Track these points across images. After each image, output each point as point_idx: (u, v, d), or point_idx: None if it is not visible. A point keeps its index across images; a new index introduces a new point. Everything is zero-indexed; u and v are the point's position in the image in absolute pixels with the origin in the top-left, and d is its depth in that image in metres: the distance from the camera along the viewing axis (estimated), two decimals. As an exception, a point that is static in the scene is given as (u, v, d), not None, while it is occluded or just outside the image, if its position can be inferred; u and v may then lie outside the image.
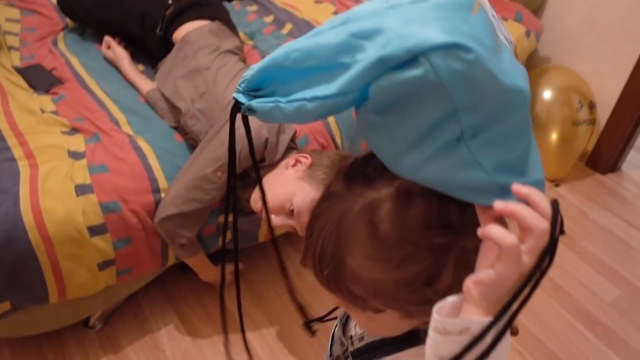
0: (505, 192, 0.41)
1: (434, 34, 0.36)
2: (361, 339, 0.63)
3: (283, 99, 0.41)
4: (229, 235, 1.21)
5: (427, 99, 0.38)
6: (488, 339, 0.37)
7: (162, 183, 1.31)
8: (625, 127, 2.08)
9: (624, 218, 2.02)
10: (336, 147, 1.51)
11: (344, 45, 0.39)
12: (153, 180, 1.31)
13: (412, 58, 0.36)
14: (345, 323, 0.69)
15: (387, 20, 0.38)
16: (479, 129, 0.40)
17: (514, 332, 0.47)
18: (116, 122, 1.45)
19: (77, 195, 1.24)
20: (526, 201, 0.39)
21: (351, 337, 0.65)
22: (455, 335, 0.39)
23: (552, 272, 0.54)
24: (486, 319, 0.38)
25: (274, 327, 1.53)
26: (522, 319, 1.57)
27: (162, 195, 1.30)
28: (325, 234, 0.47)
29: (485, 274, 0.39)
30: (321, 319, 0.74)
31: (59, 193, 1.23)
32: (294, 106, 0.41)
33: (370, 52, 0.38)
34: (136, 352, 1.45)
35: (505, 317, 0.38)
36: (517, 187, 0.39)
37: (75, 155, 1.33)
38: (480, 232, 0.39)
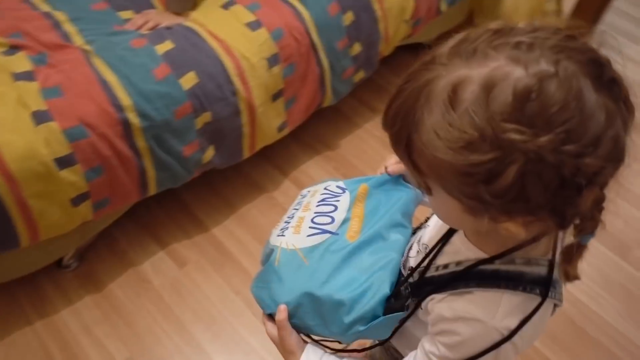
0: None
1: None
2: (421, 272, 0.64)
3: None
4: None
5: None
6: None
7: (125, 100, 1.17)
8: None
9: None
10: (312, 43, 1.41)
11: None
12: (113, 97, 1.16)
13: None
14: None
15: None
16: None
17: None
18: (65, 35, 1.24)
19: (36, 124, 1.08)
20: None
21: (411, 268, 0.67)
22: None
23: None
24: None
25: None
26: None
27: (127, 113, 1.16)
28: (410, 92, 0.48)
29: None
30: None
31: (13, 123, 1.07)
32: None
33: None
34: (121, 286, 1.36)
35: None
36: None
37: (22, 77, 1.13)
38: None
